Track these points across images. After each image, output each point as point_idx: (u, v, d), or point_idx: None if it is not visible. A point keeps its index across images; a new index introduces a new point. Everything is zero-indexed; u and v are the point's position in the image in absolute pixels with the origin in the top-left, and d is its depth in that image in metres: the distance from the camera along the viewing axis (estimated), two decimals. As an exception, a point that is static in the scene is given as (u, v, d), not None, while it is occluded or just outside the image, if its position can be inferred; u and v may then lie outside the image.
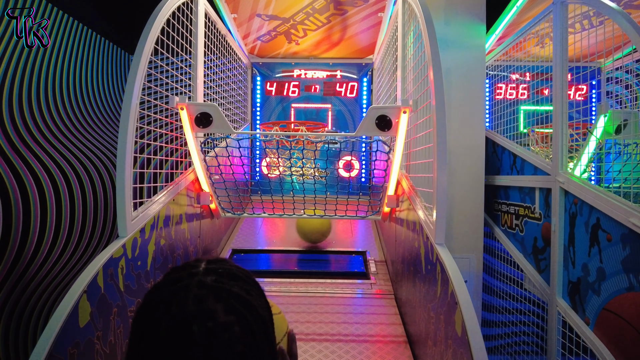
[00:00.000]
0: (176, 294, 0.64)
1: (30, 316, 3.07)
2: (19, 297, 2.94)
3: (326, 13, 3.82)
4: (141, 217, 2.01)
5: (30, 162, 3.06)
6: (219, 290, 0.65)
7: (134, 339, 0.65)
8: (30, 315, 3.07)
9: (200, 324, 0.61)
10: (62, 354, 1.40)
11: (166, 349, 0.61)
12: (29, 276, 3.00)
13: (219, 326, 0.61)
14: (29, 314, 3.06)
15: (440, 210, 1.83)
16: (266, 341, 0.68)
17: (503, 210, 3.79)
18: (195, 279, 0.66)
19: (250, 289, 0.69)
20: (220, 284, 0.66)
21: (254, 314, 0.66)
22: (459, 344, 1.45)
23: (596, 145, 2.72)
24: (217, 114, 2.36)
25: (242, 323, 0.63)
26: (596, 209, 2.34)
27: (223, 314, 0.62)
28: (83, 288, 1.53)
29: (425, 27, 2.09)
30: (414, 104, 2.21)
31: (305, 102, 5.03)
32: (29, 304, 3.05)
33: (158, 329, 0.62)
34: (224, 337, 0.61)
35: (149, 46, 2.08)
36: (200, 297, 0.63)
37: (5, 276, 2.78)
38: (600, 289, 2.30)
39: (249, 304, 0.66)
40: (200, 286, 0.65)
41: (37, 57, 3.20)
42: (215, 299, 0.63)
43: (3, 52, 2.86)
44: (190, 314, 0.61)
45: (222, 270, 0.69)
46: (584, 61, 2.91)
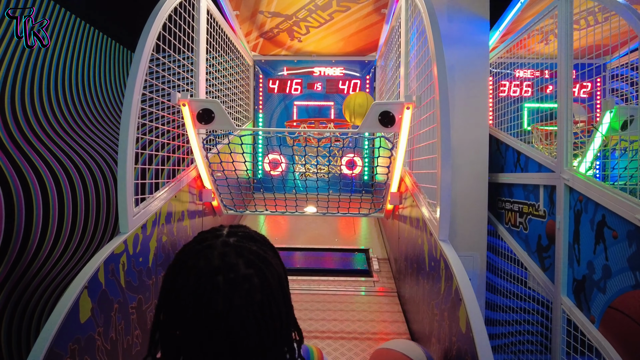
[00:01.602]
0: (203, 251, 0.75)
1: (32, 312, 3.07)
2: (21, 293, 2.94)
3: (329, 10, 3.80)
4: (143, 213, 2.00)
5: (33, 159, 3.06)
6: (240, 249, 0.75)
7: (165, 290, 0.75)
8: (32, 311, 3.07)
9: (224, 275, 0.71)
10: (62, 349, 1.39)
11: (194, 297, 0.70)
12: (31, 272, 3.00)
13: (239, 277, 0.72)
14: (31, 310, 3.06)
15: (444, 206, 1.81)
16: (281, 293, 0.78)
17: (507, 208, 3.76)
18: (220, 240, 0.77)
19: (267, 249, 0.80)
20: (242, 243, 0.77)
21: (270, 269, 0.76)
22: (463, 340, 1.43)
23: (601, 142, 2.70)
24: (219, 111, 2.34)
25: (260, 275, 0.74)
26: (602, 205, 2.31)
27: (244, 267, 0.73)
28: (84, 284, 1.52)
29: (429, 23, 2.06)
30: (418, 100, 2.19)
31: (307, 99, 5.02)
32: (31, 300, 3.05)
33: (187, 279, 0.72)
34: (244, 287, 0.71)
35: (151, 41, 2.07)
36: (224, 253, 0.74)
37: (9, 272, 2.78)
38: (606, 286, 2.28)
39: (266, 260, 0.77)
40: (224, 245, 0.76)
41: (39, 55, 3.19)
42: (236, 255, 0.74)
43: (5, 50, 2.86)
44: (215, 266, 0.72)
45: (242, 233, 0.80)
46: (589, 57, 2.88)
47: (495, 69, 4.36)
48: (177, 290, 0.73)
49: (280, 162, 4.70)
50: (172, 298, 0.73)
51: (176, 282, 0.74)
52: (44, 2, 3.21)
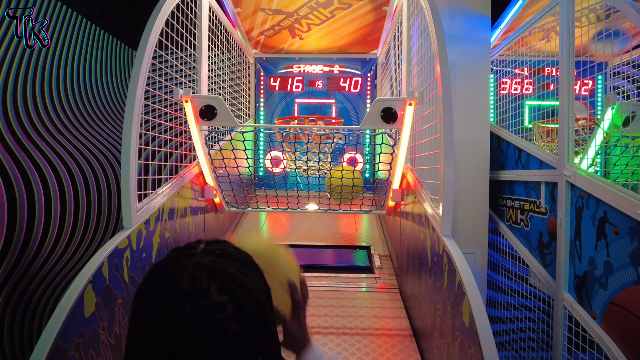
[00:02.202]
0: (172, 273, 0.65)
1: (35, 307, 3.08)
2: (24, 288, 2.94)
3: (330, 7, 3.80)
4: (146, 208, 2.01)
5: (35, 157, 3.06)
6: (214, 270, 0.65)
7: (133, 316, 0.66)
8: (35, 306, 3.08)
9: (193, 303, 0.62)
10: (67, 343, 1.40)
11: (160, 326, 0.62)
12: (34, 269, 3.01)
13: (211, 305, 0.62)
14: (34, 305, 3.06)
15: (447, 201, 1.82)
16: (261, 322, 0.68)
17: (508, 205, 3.77)
18: (192, 259, 0.67)
19: (247, 271, 0.70)
20: (216, 264, 0.67)
21: (248, 295, 0.66)
22: (466, 334, 1.44)
23: (603, 138, 2.70)
24: (221, 107, 2.35)
25: (235, 303, 0.64)
26: (603, 202, 2.32)
27: (216, 293, 0.63)
28: (88, 278, 1.53)
29: (432, 20, 2.07)
30: (420, 96, 2.19)
31: (308, 97, 5.02)
32: (34, 296, 3.05)
33: (153, 306, 0.63)
34: (217, 317, 0.62)
35: (153, 38, 2.08)
36: (194, 276, 0.64)
37: (12, 268, 2.79)
38: (607, 282, 2.28)
39: (244, 285, 0.67)
40: (196, 266, 0.66)
41: (40, 53, 3.19)
42: (209, 278, 0.64)
43: (7, 48, 2.86)
44: (184, 292, 0.62)
45: (220, 251, 0.70)
46: (590, 55, 2.88)
47: (496, 66, 4.36)
48: (144, 317, 0.65)
49: (281, 159, 4.71)
50: (139, 326, 0.65)
51: (142, 309, 0.65)
52: (45, 0, 3.21)
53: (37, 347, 1.30)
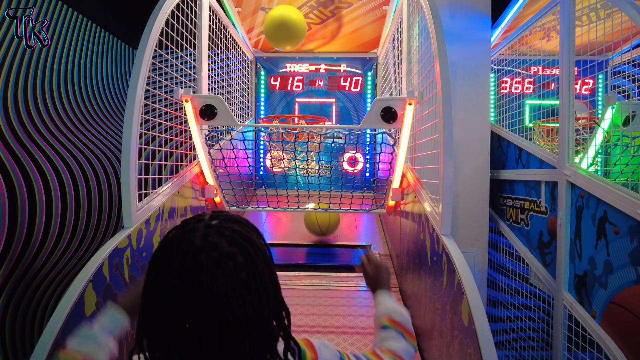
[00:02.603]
0: (185, 234, 0.74)
1: (37, 307, 3.09)
2: (26, 287, 2.95)
3: (330, 6, 3.80)
4: (146, 208, 2.01)
5: (36, 156, 3.07)
6: (223, 229, 0.75)
7: (150, 274, 0.74)
8: (37, 305, 3.09)
9: (207, 254, 0.70)
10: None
11: (178, 277, 0.69)
12: (35, 267, 3.02)
13: (223, 255, 0.71)
14: (35, 304, 3.07)
15: (446, 201, 1.82)
16: (267, 270, 0.76)
17: (508, 204, 3.77)
18: (202, 223, 0.76)
19: (250, 230, 0.79)
20: (224, 224, 0.76)
21: (254, 247, 0.75)
22: (465, 333, 1.44)
23: (603, 138, 2.70)
24: (221, 106, 2.35)
25: (244, 253, 0.73)
26: (603, 201, 2.32)
27: (227, 245, 0.72)
28: (89, 277, 1.54)
29: (432, 19, 2.07)
30: (420, 96, 2.19)
31: (309, 96, 5.02)
32: (36, 295, 3.06)
33: (171, 262, 0.71)
34: (229, 265, 0.70)
35: (153, 38, 2.08)
36: (206, 234, 0.73)
37: (13, 267, 2.80)
38: (607, 282, 2.28)
39: (249, 239, 0.76)
40: (206, 227, 0.74)
41: (41, 53, 3.20)
42: (219, 234, 0.73)
43: (8, 48, 2.87)
44: (198, 246, 0.71)
45: (224, 216, 0.79)
46: (591, 54, 2.88)
47: (496, 65, 4.36)
48: (160, 273, 0.72)
49: (282, 158, 4.71)
50: (156, 282, 0.72)
51: (159, 266, 0.73)
52: (45, 0, 3.21)
53: (37, 347, 1.31)
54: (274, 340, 0.79)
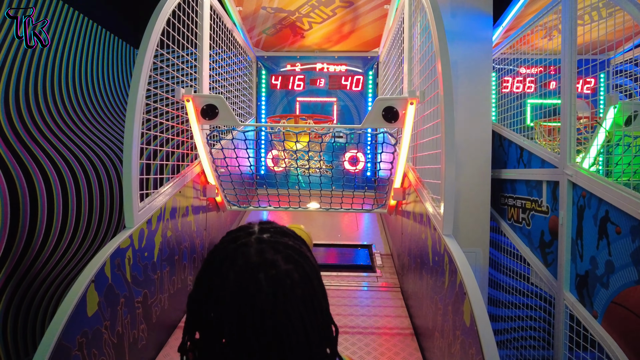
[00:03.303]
0: (239, 249, 0.72)
1: (38, 307, 3.09)
2: (27, 287, 2.96)
3: (332, 5, 3.80)
4: (148, 208, 2.02)
5: (37, 156, 3.07)
6: (276, 244, 0.74)
7: (201, 293, 0.73)
8: (38, 305, 3.09)
9: (266, 272, 0.69)
10: (71, 342, 1.41)
11: (236, 297, 0.68)
12: (37, 268, 3.02)
13: (281, 273, 0.70)
14: (37, 304, 3.08)
15: (448, 201, 1.82)
16: (320, 287, 0.76)
17: (509, 204, 3.77)
18: (254, 237, 0.75)
19: (301, 244, 0.78)
20: (276, 239, 0.75)
21: (308, 263, 0.75)
22: (467, 334, 1.44)
23: (605, 138, 2.69)
24: (223, 106, 2.35)
25: (300, 270, 0.72)
26: (605, 201, 2.31)
27: (283, 263, 0.71)
28: (91, 277, 1.54)
29: (433, 18, 2.06)
30: (421, 95, 2.19)
31: (310, 95, 5.01)
32: (37, 295, 3.07)
33: (227, 280, 0.70)
34: (286, 283, 0.70)
35: (155, 37, 2.08)
36: (261, 250, 0.72)
37: (14, 267, 2.80)
38: (609, 282, 2.28)
39: (304, 254, 0.75)
40: (259, 241, 0.74)
41: (42, 52, 3.20)
42: (274, 251, 0.72)
43: (9, 48, 2.87)
44: (255, 264, 0.70)
45: (274, 229, 0.78)
46: (592, 53, 2.87)
47: (498, 64, 4.35)
48: (216, 291, 0.70)
49: (283, 158, 4.71)
50: (211, 299, 0.71)
51: (213, 283, 0.71)
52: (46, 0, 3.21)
53: (40, 346, 1.31)
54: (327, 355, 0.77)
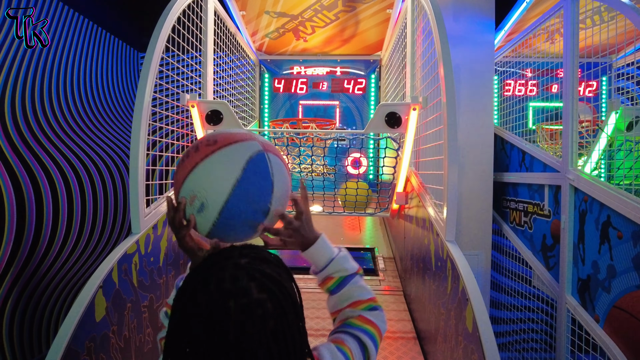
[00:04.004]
0: (214, 274, 0.70)
1: (43, 310, 3.12)
2: (32, 291, 2.99)
3: (335, 10, 3.82)
4: (153, 213, 2.04)
5: (43, 160, 3.10)
6: (253, 271, 0.71)
7: (175, 315, 0.71)
8: (43, 309, 3.12)
9: (236, 300, 0.67)
10: (79, 347, 1.43)
11: (204, 323, 0.66)
12: (41, 272, 3.05)
13: (253, 302, 0.67)
14: (42, 308, 3.11)
15: (451, 207, 1.83)
16: (296, 319, 0.73)
17: (511, 207, 3.78)
18: (231, 261, 0.72)
19: (281, 272, 0.75)
20: (254, 265, 0.72)
21: (284, 294, 0.72)
22: (470, 339, 1.46)
23: (607, 142, 2.71)
24: (227, 112, 2.38)
25: (274, 301, 0.69)
26: (607, 206, 2.32)
27: (257, 291, 0.68)
28: (99, 283, 1.56)
29: (436, 23, 2.08)
30: (424, 101, 2.21)
31: (312, 99, 5.04)
32: (42, 299, 3.09)
33: (197, 305, 0.68)
34: (258, 313, 0.67)
35: (161, 44, 2.10)
36: (235, 276, 0.69)
37: (20, 270, 2.83)
38: (611, 286, 2.30)
39: (280, 284, 0.72)
40: (236, 267, 0.71)
41: (48, 56, 3.23)
42: (249, 278, 0.69)
43: (16, 51, 2.90)
44: (227, 291, 0.68)
45: (255, 254, 0.75)
46: (595, 56, 2.89)
47: (500, 68, 4.36)
48: (187, 316, 0.69)
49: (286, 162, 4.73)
50: (181, 325, 0.69)
51: (186, 308, 0.70)
52: (53, 2, 3.24)
53: (50, 351, 1.33)
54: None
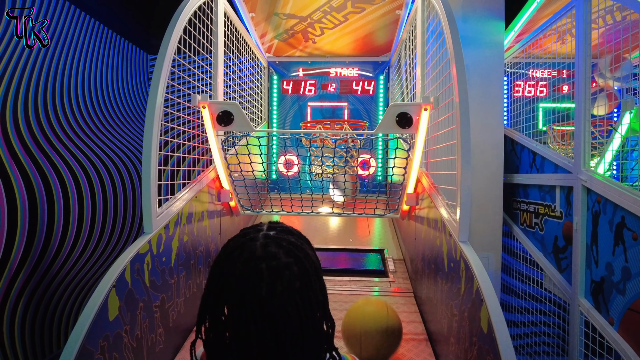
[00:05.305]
0: (247, 243, 0.83)
1: (54, 310, 3.14)
2: (44, 290, 3.01)
3: (344, 11, 3.82)
4: (165, 213, 2.05)
5: (55, 161, 3.13)
6: (280, 240, 0.83)
7: (213, 278, 0.83)
8: (54, 308, 3.14)
9: (268, 263, 0.78)
10: (93, 346, 1.44)
11: (240, 283, 0.78)
12: (52, 273, 3.07)
13: (281, 265, 0.79)
14: (53, 308, 3.13)
15: (464, 208, 1.82)
16: (318, 281, 0.84)
17: (522, 208, 3.75)
18: (261, 233, 0.85)
19: (304, 242, 0.87)
20: (281, 235, 0.84)
21: (307, 259, 0.83)
22: (485, 340, 1.44)
23: (620, 143, 2.68)
24: (238, 113, 2.38)
25: (299, 264, 0.81)
26: (621, 207, 2.30)
27: (284, 256, 0.80)
28: (112, 282, 1.57)
29: (447, 24, 2.07)
30: (435, 101, 2.20)
31: (321, 100, 5.04)
32: (53, 298, 3.12)
33: (233, 268, 0.80)
34: (285, 274, 0.78)
35: (173, 45, 2.11)
36: (265, 244, 0.81)
37: (32, 271, 2.85)
38: (626, 288, 2.26)
39: (304, 251, 0.84)
40: (265, 237, 0.83)
41: (60, 56, 3.26)
42: (277, 245, 0.81)
43: (30, 52, 2.93)
44: (259, 255, 0.80)
45: (281, 228, 0.88)
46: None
47: (510, 68, 4.34)
48: (224, 277, 0.80)
49: (294, 163, 4.74)
50: (219, 284, 0.81)
51: (223, 270, 0.81)
52: (59, 3, 3.26)
53: (65, 350, 1.34)
54: (322, 345, 0.86)
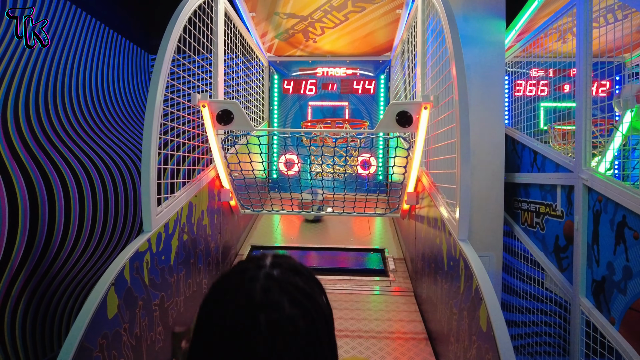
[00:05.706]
0: (244, 284, 0.65)
1: (55, 308, 3.15)
2: (45, 289, 3.01)
3: (344, 10, 3.82)
4: (165, 212, 2.05)
5: (55, 160, 3.13)
6: (285, 283, 0.66)
7: (200, 323, 0.67)
8: (55, 307, 3.15)
9: (268, 314, 0.62)
10: (92, 344, 1.44)
11: (232, 335, 0.62)
12: (53, 272, 3.08)
13: (284, 318, 0.62)
14: (54, 306, 3.13)
15: (463, 206, 1.82)
16: (327, 337, 0.68)
17: (523, 208, 3.74)
18: (263, 271, 0.67)
19: (314, 285, 0.70)
20: (286, 277, 0.67)
21: (317, 309, 0.66)
22: (484, 339, 1.44)
23: (621, 142, 2.67)
24: (238, 112, 2.38)
25: (306, 317, 0.64)
26: (622, 206, 2.29)
27: (289, 306, 0.63)
28: (111, 280, 1.57)
29: (447, 22, 2.07)
30: (435, 100, 2.19)
31: (322, 100, 5.04)
32: (54, 297, 3.12)
33: (225, 315, 0.63)
34: (289, 330, 0.62)
35: (172, 44, 2.11)
36: (267, 287, 0.64)
37: (33, 269, 2.86)
38: (627, 287, 2.25)
39: (313, 299, 0.67)
40: (267, 278, 0.66)
41: (62, 56, 3.27)
42: (281, 291, 0.64)
43: (30, 51, 2.94)
44: (258, 303, 0.63)
45: (287, 265, 0.70)
46: (608, 56, 2.85)
47: (511, 68, 4.33)
48: (214, 326, 0.65)
49: (295, 162, 4.74)
50: (207, 334, 0.65)
51: (213, 317, 0.66)
52: (60, 2, 3.26)
53: (64, 347, 1.34)
54: None
